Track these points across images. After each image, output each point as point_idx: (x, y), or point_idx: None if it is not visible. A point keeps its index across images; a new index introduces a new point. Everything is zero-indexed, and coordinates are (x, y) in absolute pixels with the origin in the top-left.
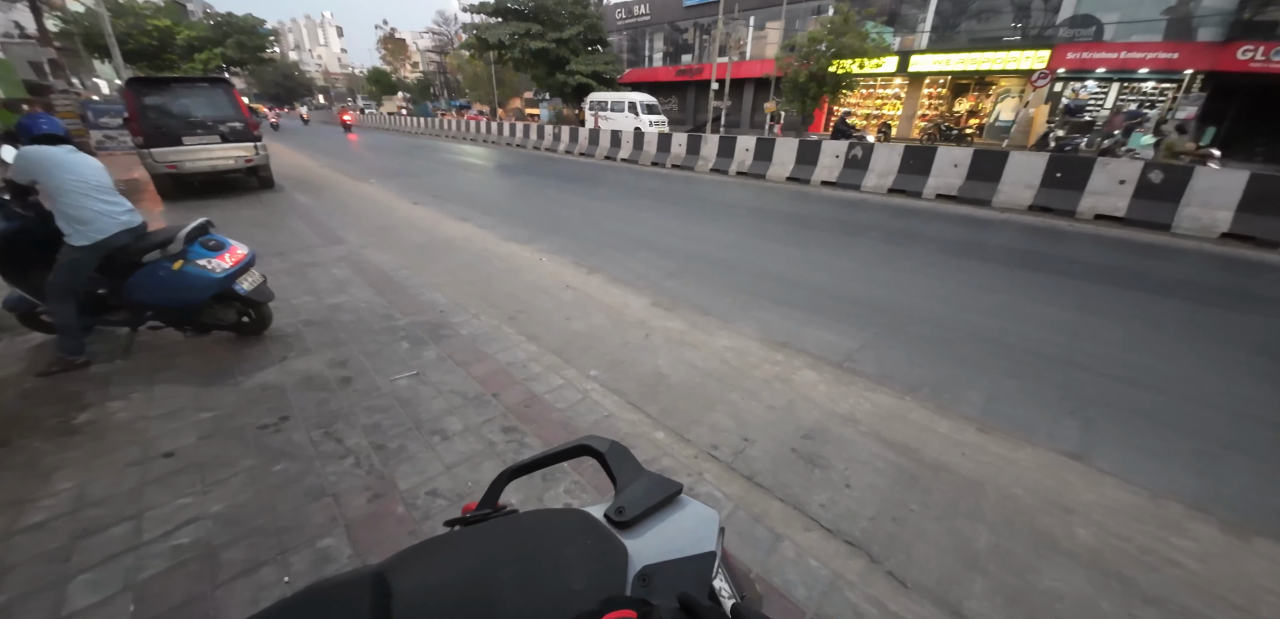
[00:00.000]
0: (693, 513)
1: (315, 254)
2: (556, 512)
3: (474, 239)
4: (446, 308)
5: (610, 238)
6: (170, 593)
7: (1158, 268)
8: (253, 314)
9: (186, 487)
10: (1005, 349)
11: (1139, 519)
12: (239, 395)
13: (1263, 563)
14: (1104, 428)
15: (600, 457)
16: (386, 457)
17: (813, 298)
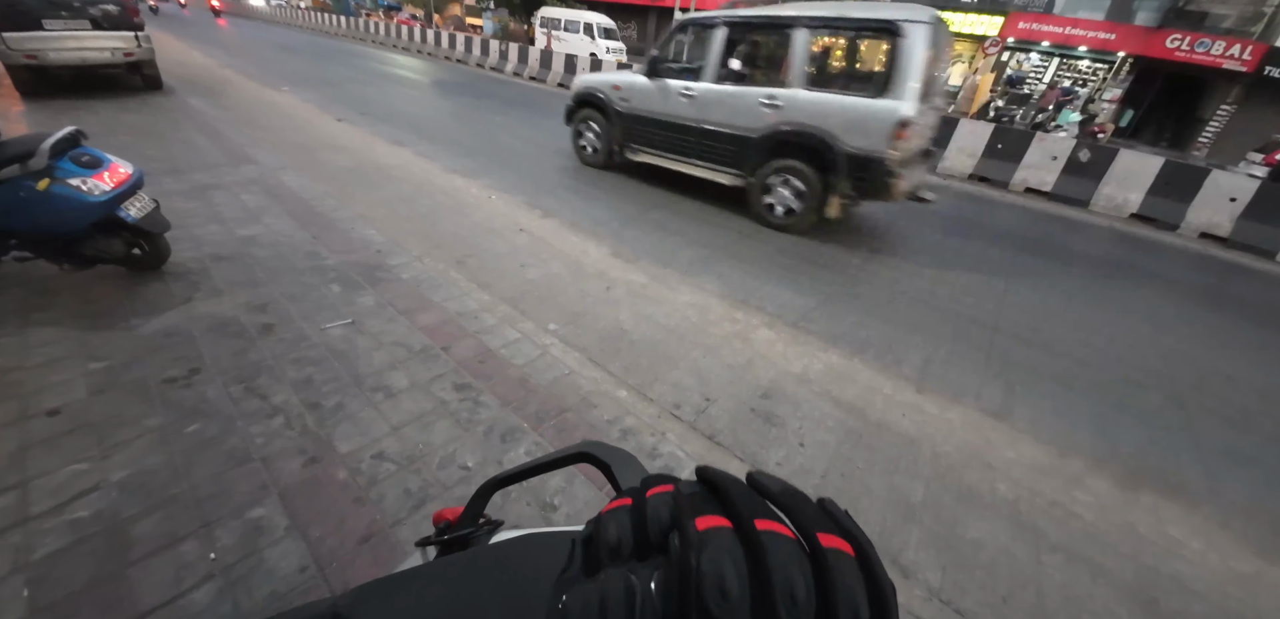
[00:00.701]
0: None
1: (219, 174)
2: (554, 535)
3: (412, 168)
4: (383, 247)
5: (561, 174)
6: (72, 575)
7: (1074, 242)
8: (145, 246)
9: (80, 451)
10: (940, 313)
11: (1048, 474)
12: (136, 343)
13: (1145, 515)
14: (1022, 390)
15: (604, 466)
16: (322, 416)
17: (766, 254)
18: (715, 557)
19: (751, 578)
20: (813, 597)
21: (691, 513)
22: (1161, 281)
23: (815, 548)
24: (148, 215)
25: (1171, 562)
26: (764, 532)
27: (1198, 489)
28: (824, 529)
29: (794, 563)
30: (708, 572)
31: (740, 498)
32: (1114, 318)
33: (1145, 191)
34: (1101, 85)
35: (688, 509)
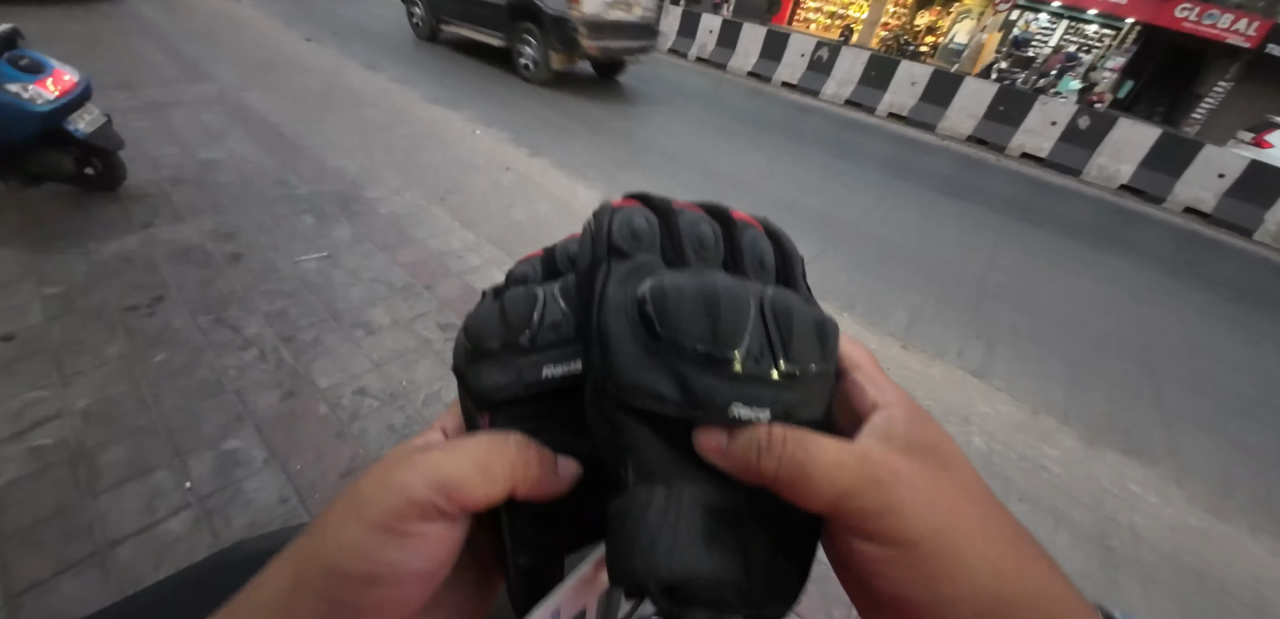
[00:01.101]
0: None
1: (175, 91)
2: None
3: (389, 95)
4: (359, 178)
5: (554, 114)
6: (37, 501)
7: (1065, 209)
8: (98, 165)
9: (38, 377)
10: (930, 273)
11: (1021, 430)
12: (93, 267)
13: (1109, 470)
14: (1001, 349)
15: None
16: (298, 350)
17: (763, 204)
18: (626, 214)
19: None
20: (721, 245)
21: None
22: (1143, 253)
23: (725, 218)
24: (98, 130)
25: (1129, 513)
26: (679, 210)
27: (1159, 449)
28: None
29: (703, 222)
30: (619, 223)
31: (659, 198)
32: (1095, 285)
33: (1137, 164)
34: (1105, 53)
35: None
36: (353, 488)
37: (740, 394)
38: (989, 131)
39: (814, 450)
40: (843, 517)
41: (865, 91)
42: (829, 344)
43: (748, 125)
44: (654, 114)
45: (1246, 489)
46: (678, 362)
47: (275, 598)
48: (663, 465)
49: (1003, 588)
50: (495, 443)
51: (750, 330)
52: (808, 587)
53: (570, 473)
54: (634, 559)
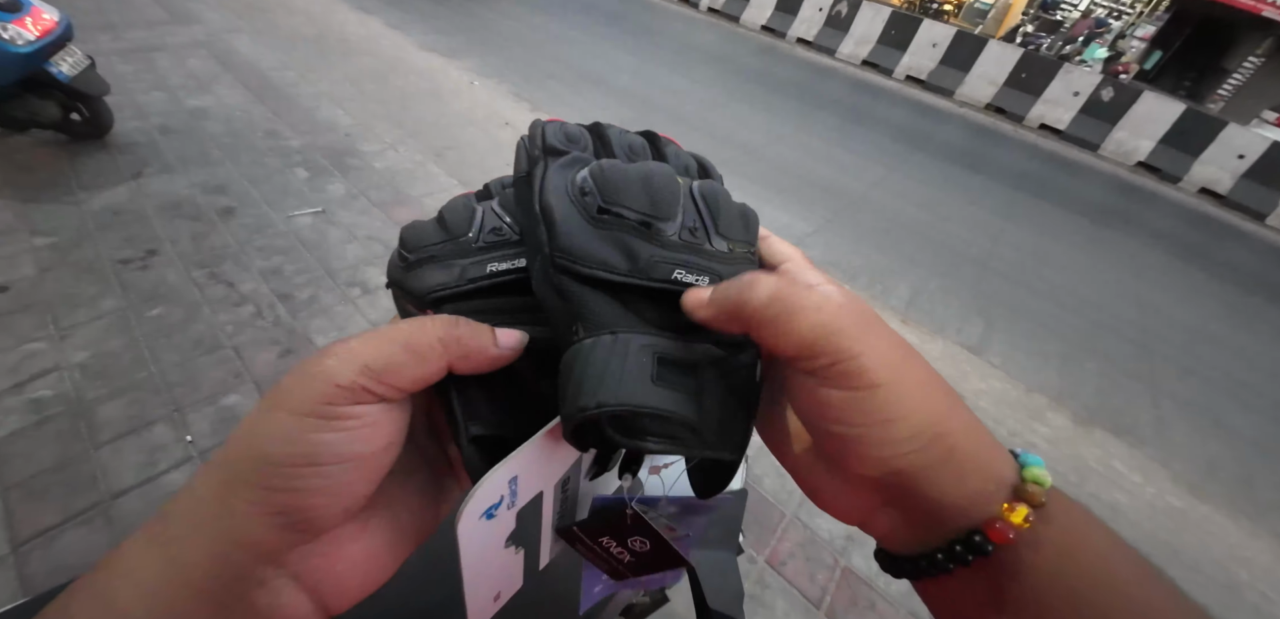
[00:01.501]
0: None
1: (160, 34)
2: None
3: (382, 42)
4: (352, 131)
5: (555, 67)
6: (40, 453)
7: (1078, 186)
8: (84, 111)
9: (34, 330)
10: (936, 247)
11: (1013, 408)
12: (83, 218)
13: (1095, 449)
14: (1001, 327)
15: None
16: (294, 307)
17: (772, 172)
18: (559, 124)
19: (594, 140)
20: (648, 153)
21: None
22: (1153, 234)
23: (652, 136)
24: (82, 74)
25: (1111, 491)
26: (609, 126)
27: (1146, 430)
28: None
29: (631, 134)
30: (552, 127)
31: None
32: (1100, 265)
33: (1157, 140)
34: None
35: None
36: (274, 387)
37: (681, 261)
38: (1008, 100)
39: (802, 292)
40: (813, 360)
41: (884, 52)
42: (751, 226)
43: (758, 85)
44: (657, 71)
45: (1230, 473)
46: (621, 232)
47: (207, 502)
48: (612, 322)
49: (937, 425)
50: (421, 322)
51: (683, 205)
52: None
53: (512, 341)
54: (582, 395)
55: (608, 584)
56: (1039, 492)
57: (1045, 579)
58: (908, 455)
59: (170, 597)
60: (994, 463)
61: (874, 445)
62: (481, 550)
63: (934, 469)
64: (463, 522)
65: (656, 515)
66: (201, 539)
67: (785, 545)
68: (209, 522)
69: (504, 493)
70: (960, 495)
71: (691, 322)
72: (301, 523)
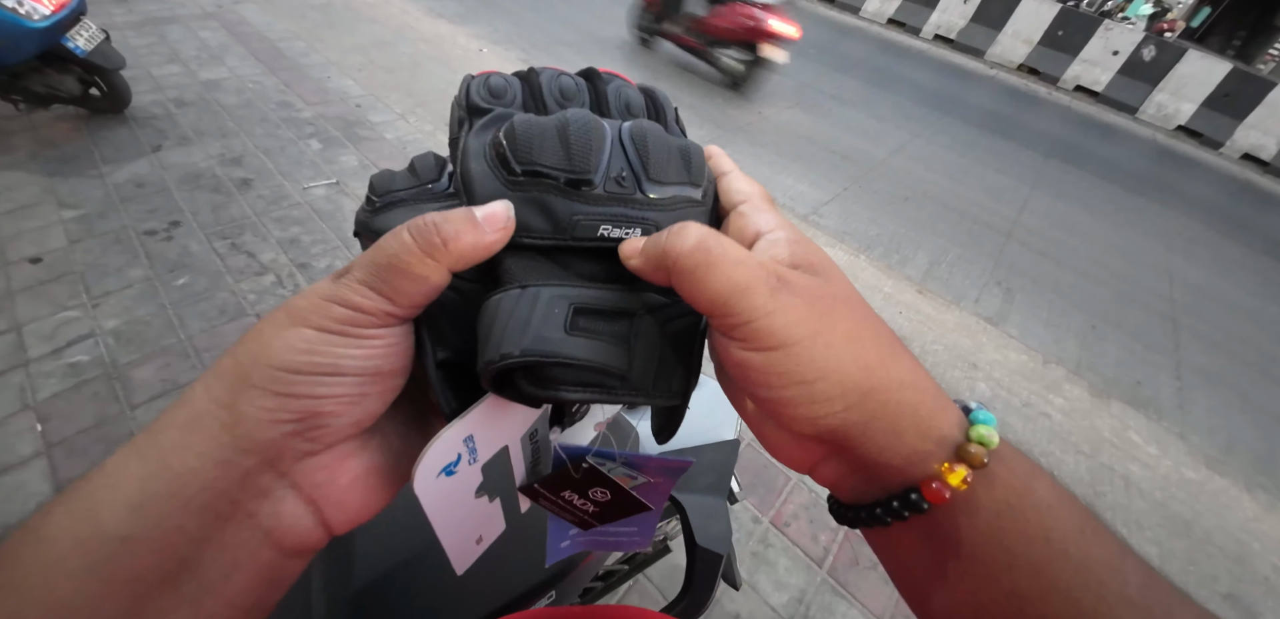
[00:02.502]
0: (711, 395)
1: (170, 5)
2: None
3: (390, 7)
4: (363, 101)
5: (565, 31)
6: (78, 414)
7: (1111, 152)
8: (102, 85)
9: (68, 299)
10: (958, 215)
11: (1028, 379)
12: (108, 191)
13: (1111, 421)
14: (1021, 297)
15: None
16: (313, 276)
17: (787, 139)
18: (484, 77)
19: (523, 89)
20: (584, 95)
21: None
22: (1190, 202)
23: (591, 73)
24: (98, 48)
25: (1125, 463)
26: (538, 68)
27: (1167, 403)
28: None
29: (565, 76)
30: (475, 84)
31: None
32: (1129, 234)
33: (1200, 103)
34: None
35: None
36: (287, 306)
37: (607, 216)
38: (1043, 60)
39: (722, 243)
40: (728, 317)
41: (911, 9)
42: (694, 166)
43: None
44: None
45: (1250, 447)
46: (540, 192)
47: (208, 410)
48: (534, 279)
49: (869, 380)
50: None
51: (608, 154)
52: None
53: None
54: (488, 348)
55: (576, 539)
56: (981, 452)
57: (983, 538)
58: (836, 414)
59: (159, 508)
60: (937, 420)
61: (798, 405)
62: (448, 504)
63: (867, 426)
64: (418, 479)
65: (614, 466)
66: (200, 445)
67: (789, 506)
68: (212, 429)
69: (460, 451)
70: (897, 453)
71: (631, 274)
72: (314, 431)
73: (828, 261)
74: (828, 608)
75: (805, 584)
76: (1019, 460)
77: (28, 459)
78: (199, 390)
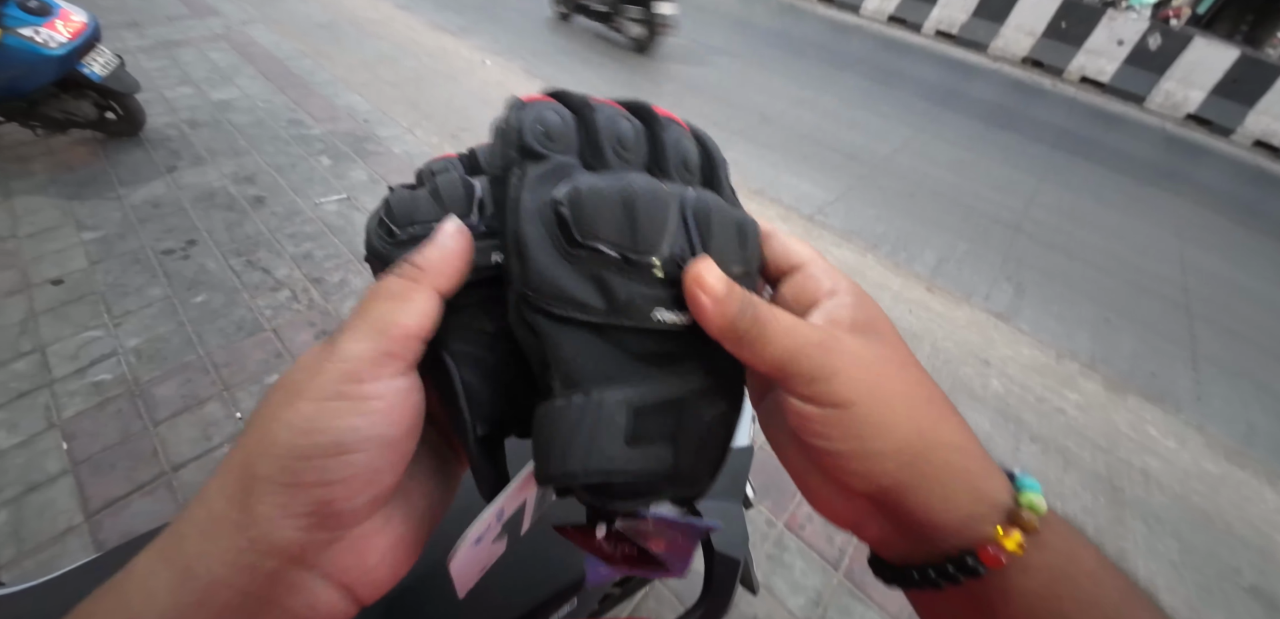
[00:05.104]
0: None
1: (182, 28)
2: None
3: (394, 24)
4: (370, 116)
5: (567, 41)
6: (103, 431)
7: (1120, 142)
8: (118, 109)
9: (90, 319)
10: (965, 210)
11: (1042, 374)
12: (125, 212)
13: (1128, 415)
14: (1032, 292)
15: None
16: (327, 291)
17: (791, 139)
18: (537, 111)
19: (579, 130)
20: (643, 143)
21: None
22: (1202, 190)
23: (649, 117)
24: (113, 73)
25: (1143, 457)
26: (598, 106)
27: (1184, 396)
28: (659, 109)
29: (622, 118)
30: (529, 120)
31: (577, 95)
32: (1140, 225)
33: (1208, 90)
34: None
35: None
36: (283, 383)
37: (662, 299)
38: (1047, 52)
39: (775, 314)
40: (789, 378)
41: (912, 5)
42: (750, 245)
43: (777, 47)
44: (672, 34)
45: (1270, 437)
46: (598, 267)
47: (225, 514)
48: (587, 370)
49: (922, 441)
50: (395, 271)
51: (671, 233)
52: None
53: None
54: (551, 462)
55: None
56: (1034, 518)
57: (1036, 602)
58: (889, 472)
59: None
60: (987, 484)
61: (854, 460)
62: (470, 563)
63: (920, 487)
64: (454, 562)
65: (641, 525)
66: (222, 553)
67: (805, 509)
68: (230, 534)
69: (492, 524)
70: (950, 515)
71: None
72: (332, 518)
73: (887, 321)
74: (845, 610)
75: (821, 586)
76: (1065, 526)
77: (55, 477)
78: (214, 490)
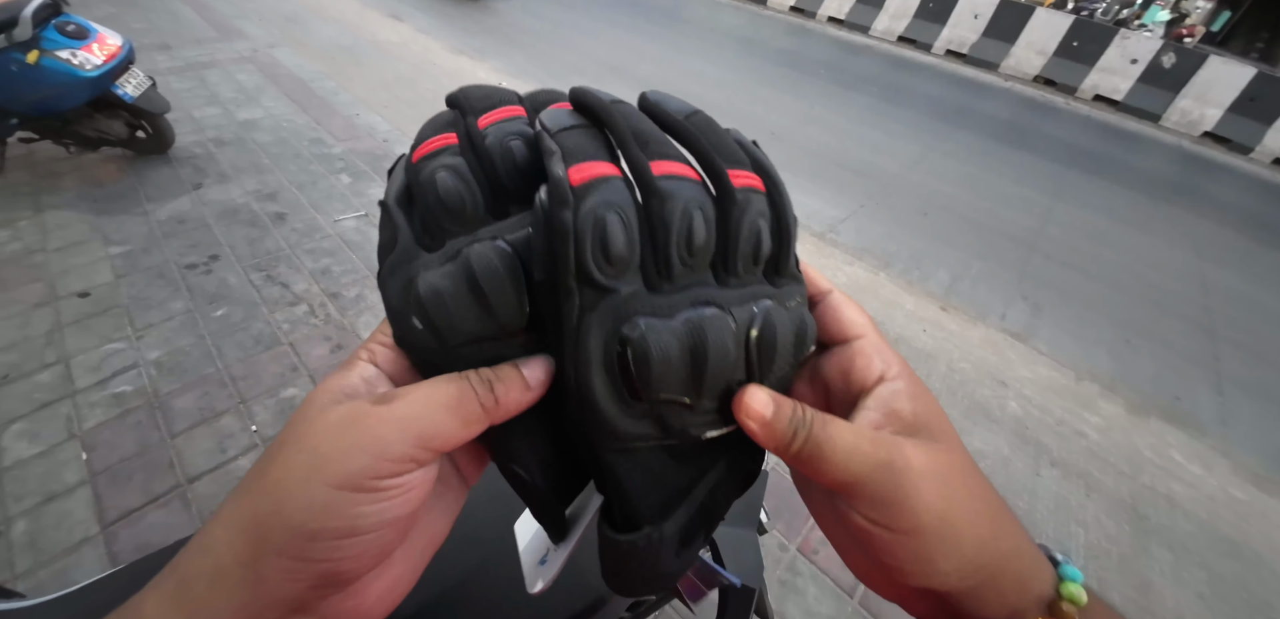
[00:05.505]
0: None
1: (210, 50)
2: None
3: (412, 46)
4: (389, 135)
5: (580, 59)
6: (122, 442)
7: (1136, 159)
8: (148, 128)
9: (113, 331)
10: (978, 228)
11: (1061, 396)
12: (151, 227)
13: (1151, 439)
14: (1049, 311)
15: None
16: (343, 306)
17: (802, 157)
18: (598, 212)
19: (643, 229)
20: (712, 238)
21: (563, 156)
22: (1221, 208)
23: (724, 188)
24: (145, 94)
25: (1168, 482)
26: (665, 178)
27: (1208, 418)
28: (735, 164)
29: (697, 207)
30: (592, 236)
31: (634, 133)
32: (1159, 243)
33: (1226, 108)
34: None
35: (556, 150)
36: (304, 441)
37: (713, 421)
38: (1059, 71)
39: (832, 433)
40: (854, 499)
41: (921, 26)
42: (804, 349)
43: (787, 67)
44: (681, 58)
45: None
46: (658, 408)
47: (231, 569)
48: (644, 502)
49: (984, 555)
50: (459, 386)
51: (732, 369)
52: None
53: (540, 375)
54: (622, 586)
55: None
56: (1073, 610)
57: None
58: (950, 583)
59: None
60: (1034, 577)
61: (914, 570)
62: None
63: (975, 590)
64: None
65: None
66: (229, 604)
67: (818, 534)
68: (236, 589)
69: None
70: (998, 611)
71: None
72: (337, 582)
73: (942, 415)
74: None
75: (836, 614)
76: (1105, 612)
77: (73, 488)
78: (222, 544)
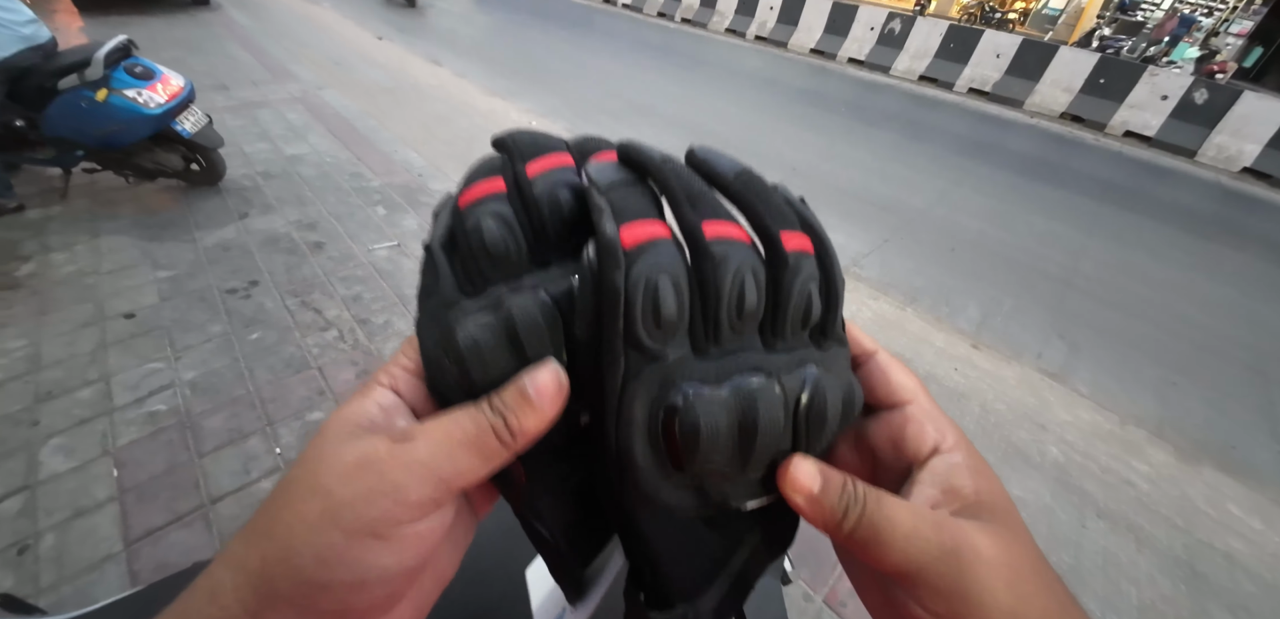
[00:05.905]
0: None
1: (263, 91)
2: None
3: (449, 88)
4: (424, 170)
5: (607, 99)
6: (152, 460)
7: (1172, 195)
8: (202, 162)
9: (154, 351)
10: (1008, 264)
11: (1105, 441)
12: (198, 253)
13: (1205, 488)
14: (1088, 351)
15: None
16: (371, 332)
17: (823, 191)
18: (650, 275)
19: (693, 292)
20: (762, 301)
21: (613, 214)
22: (1266, 244)
23: (776, 253)
24: (202, 130)
25: (1226, 538)
26: (717, 240)
27: (1267, 468)
28: (786, 225)
29: (749, 271)
30: (643, 302)
31: (685, 192)
32: (1201, 280)
33: (1264, 143)
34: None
35: (606, 207)
36: (318, 482)
37: (755, 491)
38: (1086, 107)
39: (889, 513)
40: (914, 588)
41: (943, 66)
42: (851, 417)
43: (809, 105)
44: (705, 98)
45: None
46: (701, 480)
47: (242, 613)
48: (679, 577)
49: None
50: (474, 419)
51: (779, 439)
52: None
53: (548, 389)
54: None
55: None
56: None
57: None
58: None
59: None
60: None
61: None
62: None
63: None
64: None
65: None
66: None
67: (845, 584)
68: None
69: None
70: None
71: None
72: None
73: (1005, 494)
74: None
75: None
76: None
77: (102, 503)
78: (228, 588)
